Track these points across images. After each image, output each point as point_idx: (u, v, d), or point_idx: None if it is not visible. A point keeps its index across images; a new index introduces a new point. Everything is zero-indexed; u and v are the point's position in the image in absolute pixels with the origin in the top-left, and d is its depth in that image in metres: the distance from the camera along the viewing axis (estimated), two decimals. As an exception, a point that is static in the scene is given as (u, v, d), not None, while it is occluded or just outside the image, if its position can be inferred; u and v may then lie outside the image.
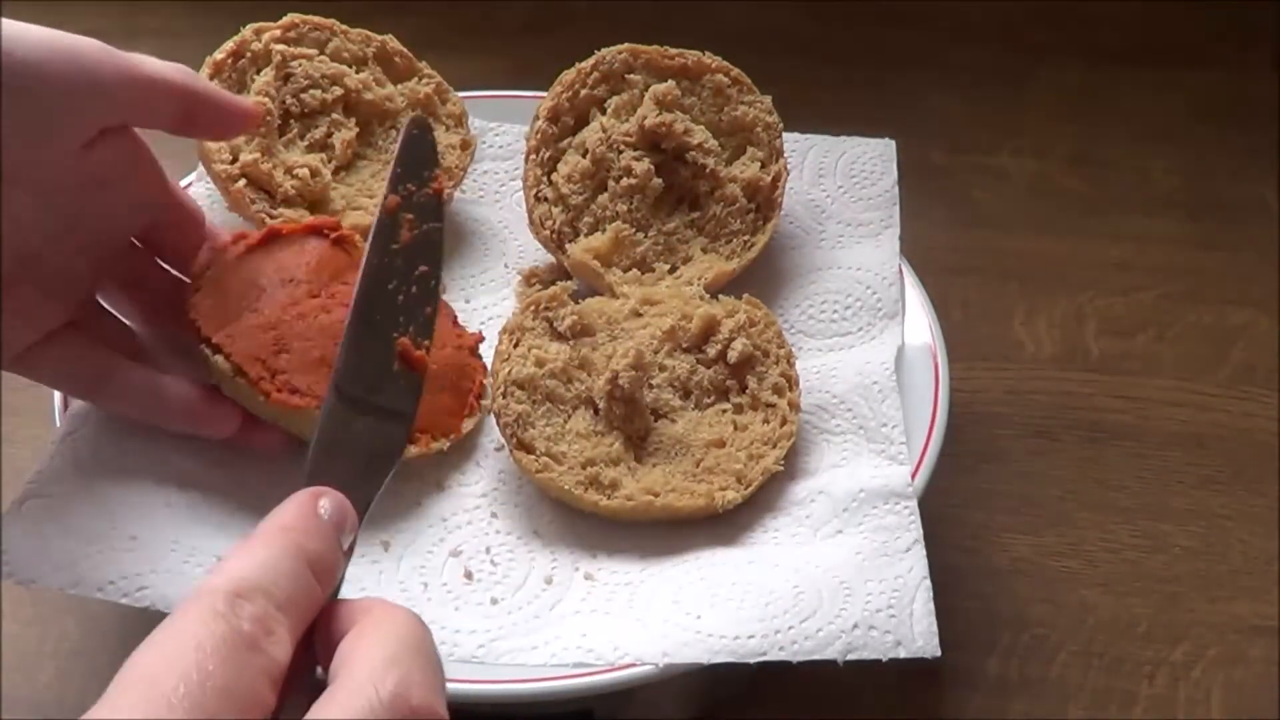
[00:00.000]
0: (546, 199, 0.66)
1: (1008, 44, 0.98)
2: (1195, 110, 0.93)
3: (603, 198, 0.65)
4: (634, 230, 0.65)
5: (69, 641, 0.63)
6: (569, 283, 0.63)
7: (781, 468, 0.58)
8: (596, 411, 0.59)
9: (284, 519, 0.40)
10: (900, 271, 0.66)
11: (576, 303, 0.62)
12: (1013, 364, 0.76)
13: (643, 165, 0.64)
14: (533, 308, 0.61)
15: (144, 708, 0.33)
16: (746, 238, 0.66)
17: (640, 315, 0.62)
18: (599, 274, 0.64)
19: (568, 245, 0.65)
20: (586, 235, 0.65)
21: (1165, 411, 0.74)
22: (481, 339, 0.62)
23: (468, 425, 0.59)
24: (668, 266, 0.65)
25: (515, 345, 0.60)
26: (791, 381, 0.60)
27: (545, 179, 0.66)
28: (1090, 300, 0.80)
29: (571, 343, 0.60)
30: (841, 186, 0.70)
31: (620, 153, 0.65)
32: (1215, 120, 0.92)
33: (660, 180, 0.65)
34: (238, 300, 0.57)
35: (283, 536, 0.39)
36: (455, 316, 0.62)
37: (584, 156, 0.66)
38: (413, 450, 0.57)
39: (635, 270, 0.65)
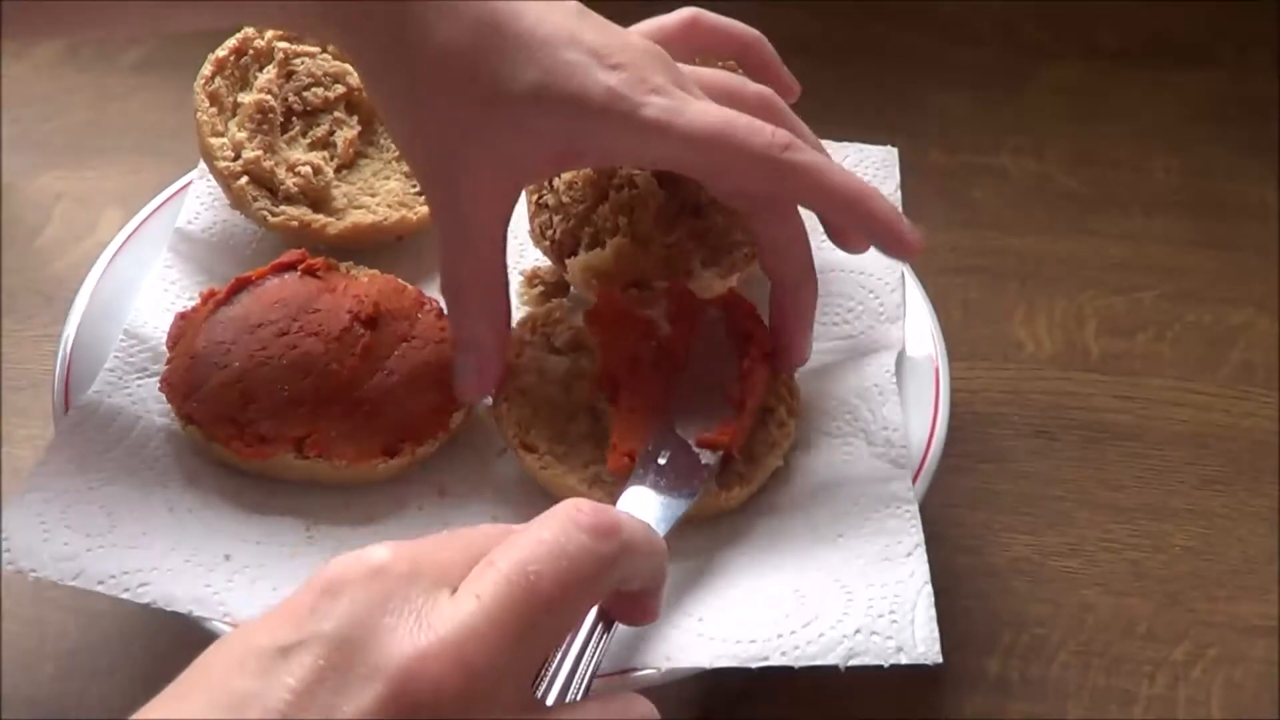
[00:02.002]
0: (548, 206, 0.64)
1: (1008, 44, 0.98)
2: (1195, 110, 0.93)
3: (603, 208, 0.63)
4: (635, 244, 0.62)
5: (69, 641, 0.62)
6: (563, 300, 0.63)
7: (781, 463, 0.58)
8: (598, 418, 0.59)
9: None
10: (902, 275, 0.66)
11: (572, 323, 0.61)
12: (1013, 364, 0.76)
13: (645, 177, 0.62)
14: (530, 325, 0.61)
15: (512, 566, 0.38)
16: (748, 249, 0.64)
17: None
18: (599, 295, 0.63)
19: (567, 260, 0.64)
20: (587, 247, 0.63)
21: (1165, 411, 0.74)
22: None
23: (457, 419, 0.59)
24: (666, 285, 0.62)
25: (518, 356, 0.60)
26: (792, 389, 0.60)
27: (547, 185, 0.65)
28: (1090, 300, 0.80)
29: (570, 355, 0.60)
30: None
31: None
32: (1215, 120, 0.92)
33: (662, 191, 0.63)
34: (206, 363, 0.58)
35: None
36: (440, 310, 0.62)
37: None
38: (395, 463, 0.57)
39: (634, 290, 0.62)
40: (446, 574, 0.39)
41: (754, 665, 0.50)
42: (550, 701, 0.43)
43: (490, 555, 0.39)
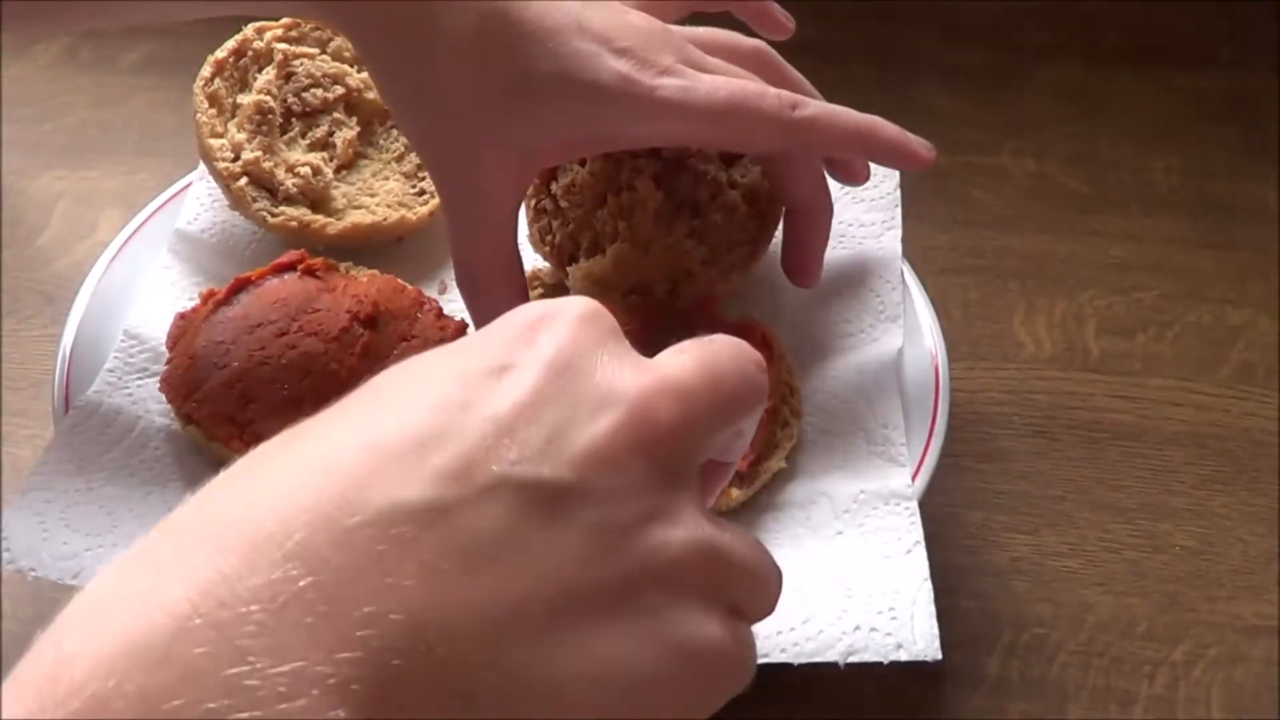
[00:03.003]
0: (547, 211, 0.64)
1: (1008, 44, 0.98)
2: (1195, 110, 0.93)
3: (602, 212, 0.62)
4: (635, 249, 0.62)
5: (69, 641, 0.62)
6: None
7: (784, 465, 0.58)
8: None
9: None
10: (901, 272, 0.66)
11: None
12: (1013, 364, 0.76)
13: (643, 179, 0.61)
14: None
15: (705, 355, 0.37)
16: (748, 247, 0.64)
17: None
18: (600, 301, 0.62)
19: (568, 267, 0.63)
20: (587, 251, 0.63)
21: (1165, 411, 0.74)
22: (465, 326, 0.61)
23: None
24: (667, 286, 0.63)
25: None
26: (793, 389, 0.60)
27: (545, 190, 0.64)
28: (1090, 300, 0.80)
29: None
30: (844, 189, 0.70)
31: (620, 163, 0.63)
32: (1215, 120, 0.92)
33: (660, 192, 0.62)
34: (206, 363, 0.58)
35: None
36: (440, 310, 0.62)
37: (583, 166, 0.63)
38: None
39: (635, 296, 0.62)
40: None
41: (753, 662, 0.50)
42: None
43: (677, 348, 0.37)
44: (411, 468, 0.30)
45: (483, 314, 0.58)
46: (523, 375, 0.33)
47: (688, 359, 0.36)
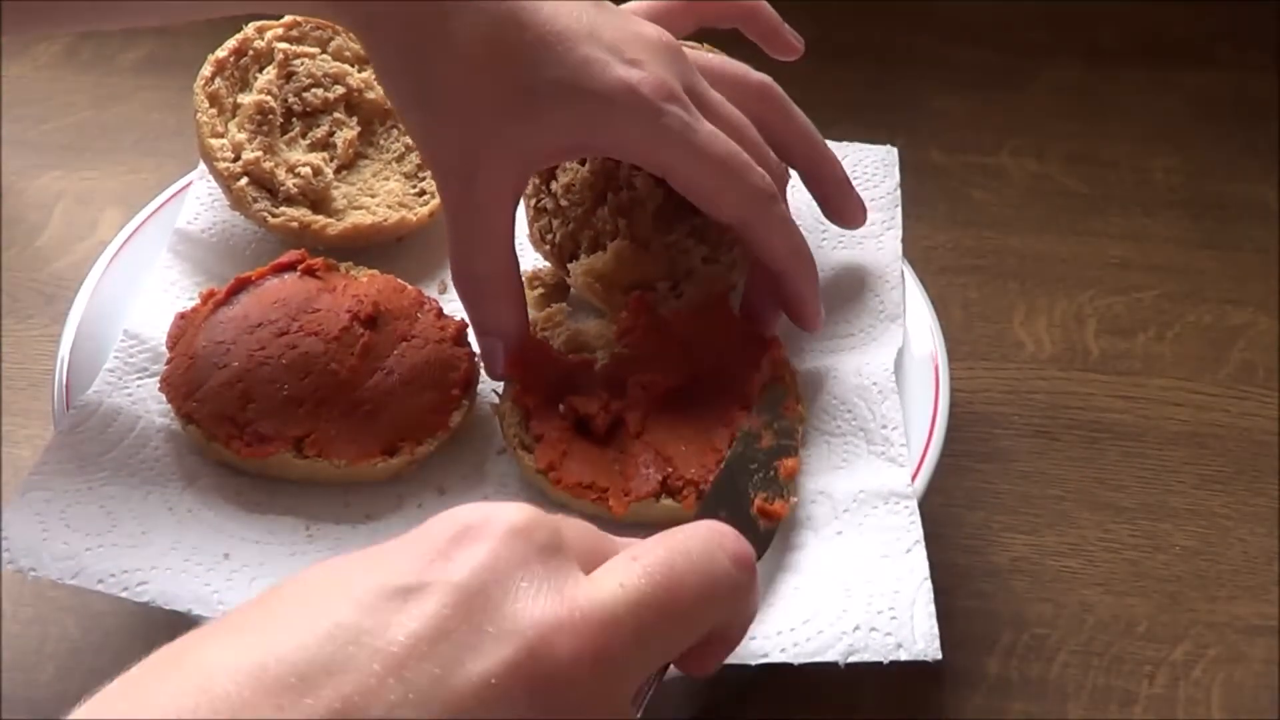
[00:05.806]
0: (547, 210, 0.64)
1: (1008, 44, 0.98)
2: (1195, 110, 0.93)
3: (602, 211, 0.62)
4: (635, 246, 0.62)
5: (69, 641, 0.63)
6: (563, 304, 0.63)
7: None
8: None
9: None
10: (902, 273, 0.66)
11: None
12: (1013, 364, 0.76)
13: (643, 178, 0.61)
14: (531, 329, 0.61)
15: (658, 566, 0.37)
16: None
17: None
18: (602, 298, 0.63)
19: (569, 264, 0.63)
20: (587, 250, 0.63)
21: (1165, 411, 0.74)
22: (465, 325, 0.60)
23: (455, 419, 0.59)
24: (669, 284, 0.62)
25: None
26: (796, 394, 0.60)
27: (545, 188, 0.64)
28: (1090, 300, 0.80)
29: (569, 357, 0.60)
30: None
31: (619, 162, 0.62)
32: (1215, 120, 0.92)
33: (660, 191, 0.62)
34: (206, 363, 0.57)
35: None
36: (440, 310, 0.62)
37: (583, 165, 0.63)
38: (394, 461, 0.57)
39: (636, 292, 0.62)
40: (583, 557, 0.37)
41: (754, 662, 0.50)
42: None
43: (633, 551, 0.37)
44: (289, 704, 0.30)
45: (483, 323, 0.58)
46: (428, 602, 0.33)
47: (637, 572, 0.36)
